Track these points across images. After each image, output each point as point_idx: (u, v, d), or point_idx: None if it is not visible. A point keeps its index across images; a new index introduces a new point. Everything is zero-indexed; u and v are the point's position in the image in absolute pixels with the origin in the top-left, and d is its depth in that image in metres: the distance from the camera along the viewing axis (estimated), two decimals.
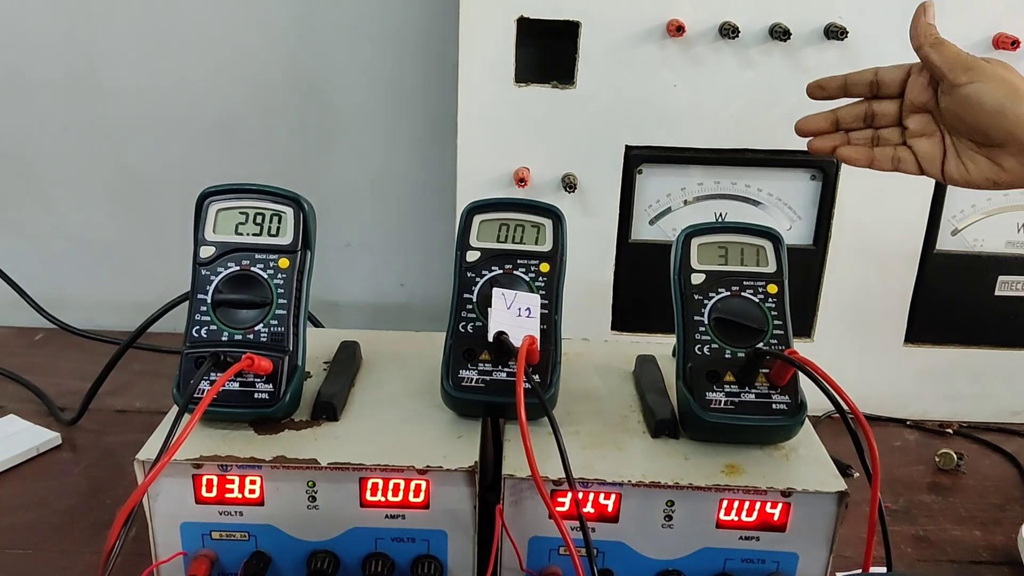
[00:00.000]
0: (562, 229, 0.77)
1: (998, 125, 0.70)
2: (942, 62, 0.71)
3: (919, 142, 0.76)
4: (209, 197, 0.73)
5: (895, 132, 0.77)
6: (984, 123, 0.70)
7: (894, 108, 0.77)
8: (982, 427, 1.07)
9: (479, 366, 0.72)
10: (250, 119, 1.20)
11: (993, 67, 0.71)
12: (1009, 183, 0.72)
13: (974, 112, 0.70)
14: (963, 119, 0.72)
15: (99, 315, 1.27)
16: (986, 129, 0.71)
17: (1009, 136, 0.70)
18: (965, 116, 0.71)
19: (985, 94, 0.70)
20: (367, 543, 0.70)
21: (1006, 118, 0.69)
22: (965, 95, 0.71)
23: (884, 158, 0.77)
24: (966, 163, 0.73)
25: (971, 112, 0.71)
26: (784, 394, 0.71)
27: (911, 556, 0.84)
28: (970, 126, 0.72)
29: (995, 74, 0.70)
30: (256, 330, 0.71)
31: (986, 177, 0.73)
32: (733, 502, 0.68)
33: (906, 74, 0.76)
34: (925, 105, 0.75)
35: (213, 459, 0.67)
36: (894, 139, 0.77)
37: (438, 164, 1.17)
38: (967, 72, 0.70)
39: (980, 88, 0.70)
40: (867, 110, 0.78)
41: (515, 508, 0.68)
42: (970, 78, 0.70)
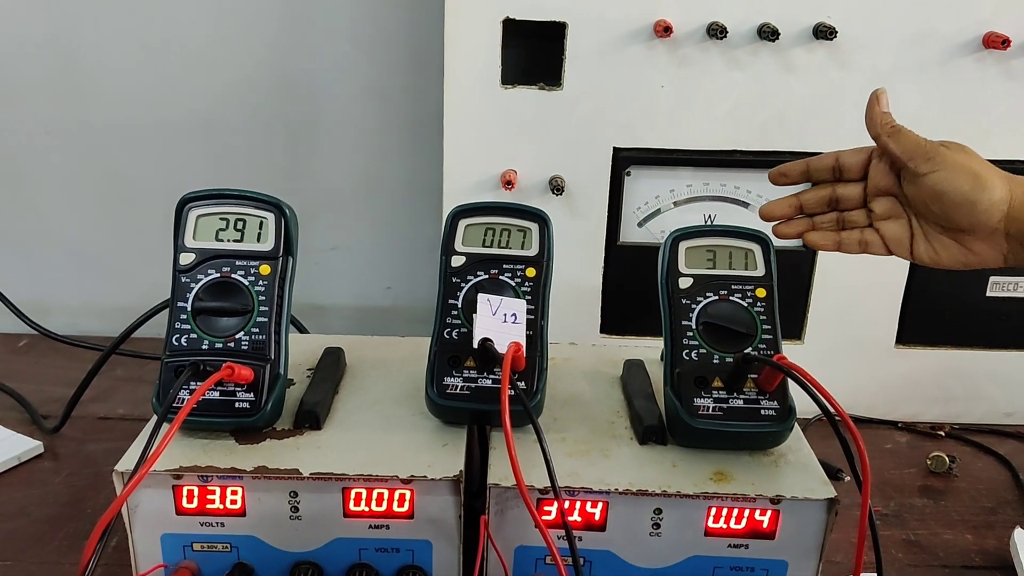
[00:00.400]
0: (548, 233, 0.76)
1: (963, 214, 0.69)
2: (902, 152, 0.71)
3: (886, 225, 0.74)
4: (189, 203, 0.72)
5: (861, 214, 0.76)
6: (949, 211, 0.69)
7: (858, 191, 0.75)
8: (974, 429, 1.06)
9: (464, 373, 0.71)
10: (235, 122, 1.19)
11: (954, 154, 0.69)
12: (979, 264, 0.72)
13: (939, 201, 0.70)
14: (928, 206, 0.71)
15: (84, 320, 1.26)
16: (952, 217, 0.70)
17: (975, 224, 0.69)
18: (930, 204, 0.70)
19: (948, 183, 0.69)
20: (351, 553, 0.69)
21: (972, 207, 0.68)
22: (928, 185, 0.70)
23: (851, 241, 0.76)
24: (935, 246, 0.72)
25: (936, 201, 0.70)
26: (773, 400, 0.70)
27: (902, 561, 0.83)
28: (936, 213, 0.71)
29: (956, 162, 0.69)
30: (237, 338, 0.69)
31: (955, 259, 0.72)
32: (722, 510, 0.67)
33: (868, 158, 0.75)
34: (889, 189, 0.74)
35: (193, 470, 0.66)
36: (860, 221, 0.76)
37: (425, 166, 1.16)
38: (928, 161, 0.69)
39: (943, 177, 0.69)
40: (831, 194, 0.76)
41: (500, 517, 0.67)
42: (931, 167, 0.69)
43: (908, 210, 0.73)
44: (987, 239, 0.70)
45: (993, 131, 0.96)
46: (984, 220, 0.69)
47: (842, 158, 0.76)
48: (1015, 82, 0.94)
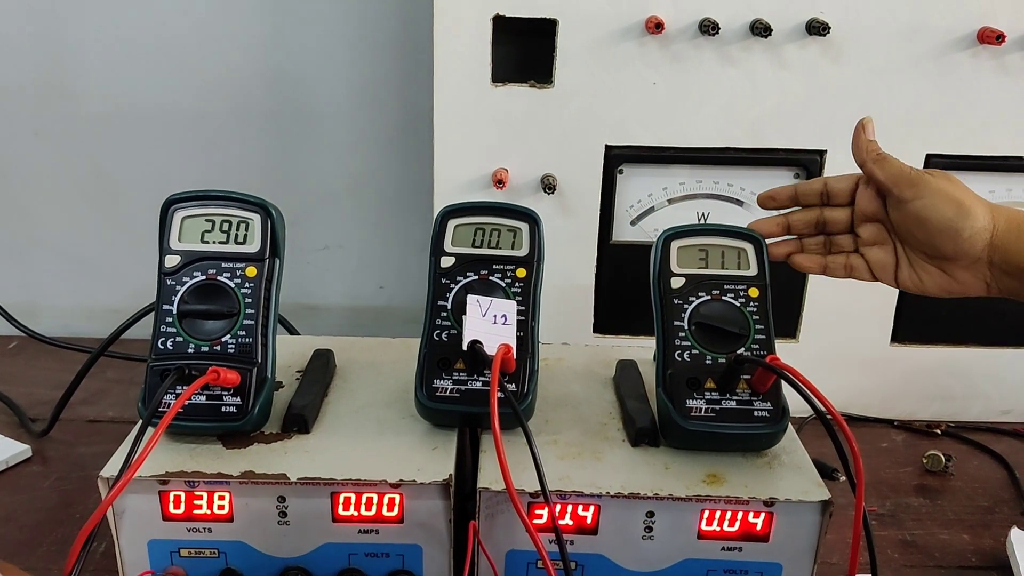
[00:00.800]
0: (539, 233, 0.75)
1: (947, 241, 0.69)
2: (886, 178, 0.71)
3: (871, 251, 0.75)
4: (174, 204, 0.71)
5: (848, 239, 0.77)
6: (933, 238, 0.70)
7: (846, 216, 0.76)
8: (970, 427, 1.05)
9: (454, 375, 0.71)
10: (225, 122, 1.18)
11: (938, 181, 0.70)
12: (962, 292, 0.72)
13: (922, 228, 0.70)
14: (912, 233, 0.71)
15: (75, 322, 1.25)
16: (935, 244, 0.70)
17: (958, 251, 0.70)
18: (914, 231, 0.71)
19: (931, 211, 0.69)
20: (340, 559, 0.68)
21: (956, 234, 0.69)
22: (912, 212, 0.70)
23: (837, 265, 0.76)
24: (919, 273, 0.73)
25: (919, 228, 0.70)
26: (766, 401, 0.69)
27: (898, 562, 0.82)
28: (919, 240, 0.71)
29: (940, 189, 0.69)
30: (223, 341, 0.69)
31: (939, 287, 0.72)
32: (715, 512, 0.66)
33: (855, 184, 0.75)
34: (875, 215, 0.74)
35: (179, 475, 0.65)
36: (847, 246, 0.77)
37: (417, 165, 1.16)
38: (911, 188, 0.70)
39: (926, 205, 0.69)
40: (819, 217, 0.77)
41: (491, 521, 0.66)
42: (915, 194, 0.70)
43: (894, 236, 0.74)
44: (970, 267, 0.70)
45: (987, 127, 0.95)
46: (967, 248, 0.69)
47: (830, 183, 0.76)
48: (1010, 78, 0.93)
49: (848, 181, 0.76)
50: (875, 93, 0.93)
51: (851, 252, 0.76)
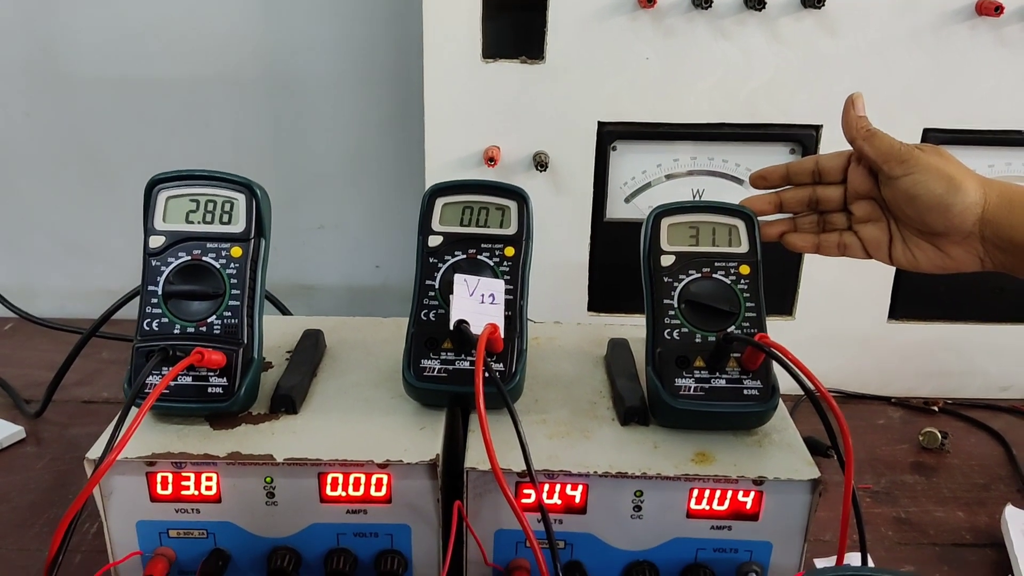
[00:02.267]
0: (527, 211, 0.74)
1: (937, 216, 0.69)
2: (876, 155, 0.70)
3: (865, 228, 0.74)
4: (158, 184, 0.71)
5: (841, 217, 0.76)
6: (924, 214, 0.69)
7: (838, 194, 0.75)
8: (968, 404, 1.05)
9: (441, 355, 0.70)
10: (217, 102, 1.17)
11: (928, 157, 0.69)
12: (956, 268, 0.72)
13: (913, 203, 0.69)
14: (903, 209, 0.71)
15: (70, 304, 1.25)
16: (926, 220, 0.70)
17: (949, 227, 0.69)
18: (905, 207, 0.70)
19: (922, 187, 0.69)
20: (329, 539, 0.68)
21: (946, 210, 0.68)
22: (903, 188, 0.69)
23: (830, 244, 0.76)
24: (912, 249, 0.72)
25: (910, 203, 0.70)
26: (756, 379, 0.68)
27: (891, 539, 0.82)
28: (911, 216, 0.71)
29: (930, 165, 0.69)
30: (209, 322, 0.68)
31: (932, 263, 0.72)
32: (704, 491, 0.66)
33: (847, 161, 0.74)
34: (868, 193, 0.73)
35: (166, 456, 0.65)
36: (840, 224, 0.76)
37: (410, 143, 1.15)
38: (902, 164, 0.69)
39: (917, 181, 0.69)
40: (812, 195, 0.76)
41: (479, 501, 0.66)
42: (905, 170, 0.69)
43: (887, 213, 0.73)
44: (962, 243, 0.70)
45: (986, 100, 0.94)
46: (958, 223, 0.69)
47: (821, 161, 0.75)
48: (1008, 50, 0.92)
49: (839, 159, 0.75)
50: (871, 67, 0.92)
51: (844, 230, 0.75)
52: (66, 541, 0.55)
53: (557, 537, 0.66)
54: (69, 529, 0.56)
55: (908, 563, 0.79)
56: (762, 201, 0.77)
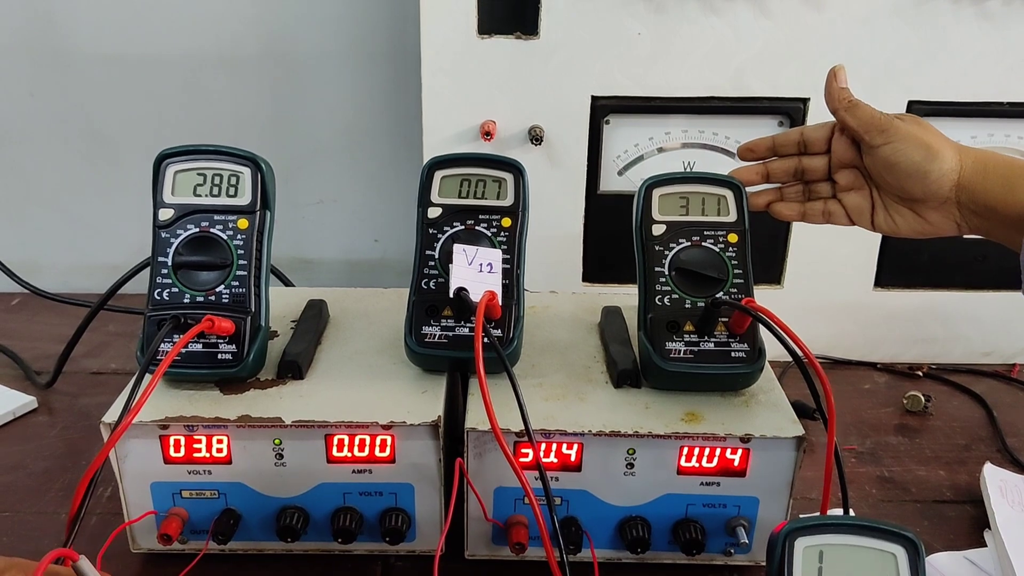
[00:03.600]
0: (523, 183, 0.77)
1: (916, 183, 0.72)
2: (857, 124, 0.73)
3: (848, 196, 0.78)
4: (166, 159, 0.73)
5: (826, 186, 0.79)
6: (902, 181, 0.73)
7: (823, 164, 0.78)
8: (952, 369, 1.08)
9: (442, 322, 0.73)
10: (217, 77, 1.19)
11: (907, 126, 0.72)
12: (934, 233, 0.75)
13: (892, 171, 0.73)
14: (884, 177, 0.74)
15: (75, 278, 1.27)
16: (905, 187, 0.73)
17: (927, 193, 0.72)
18: (885, 175, 0.74)
19: (901, 155, 0.72)
20: (335, 498, 0.71)
21: (924, 176, 0.72)
22: (883, 156, 0.73)
23: (815, 212, 0.79)
24: (893, 216, 0.76)
25: (890, 171, 0.73)
26: (743, 342, 0.71)
27: (875, 497, 0.85)
28: (890, 183, 0.74)
29: (909, 134, 0.72)
30: (218, 291, 0.71)
31: (912, 228, 0.75)
32: (693, 449, 0.69)
33: (830, 132, 0.77)
34: (851, 161, 0.77)
35: (179, 420, 0.68)
36: (825, 193, 0.79)
37: (408, 118, 1.17)
38: (882, 133, 0.72)
39: (896, 149, 0.72)
40: (797, 165, 0.79)
41: (480, 460, 0.69)
42: (885, 139, 0.72)
43: (869, 182, 0.76)
44: (940, 208, 0.73)
45: (968, 73, 0.96)
46: (935, 189, 0.72)
47: (806, 132, 0.79)
48: (991, 23, 0.94)
49: (824, 130, 0.78)
50: (857, 40, 0.94)
51: (829, 198, 0.79)
52: (87, 498, 0.58)
53: (554, 494, 0.70)
54: (90, 486, 0.58)
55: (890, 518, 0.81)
56: (750, 172, 0.80)
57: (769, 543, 0.56)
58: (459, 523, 0.71)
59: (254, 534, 0.72)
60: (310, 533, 0.72)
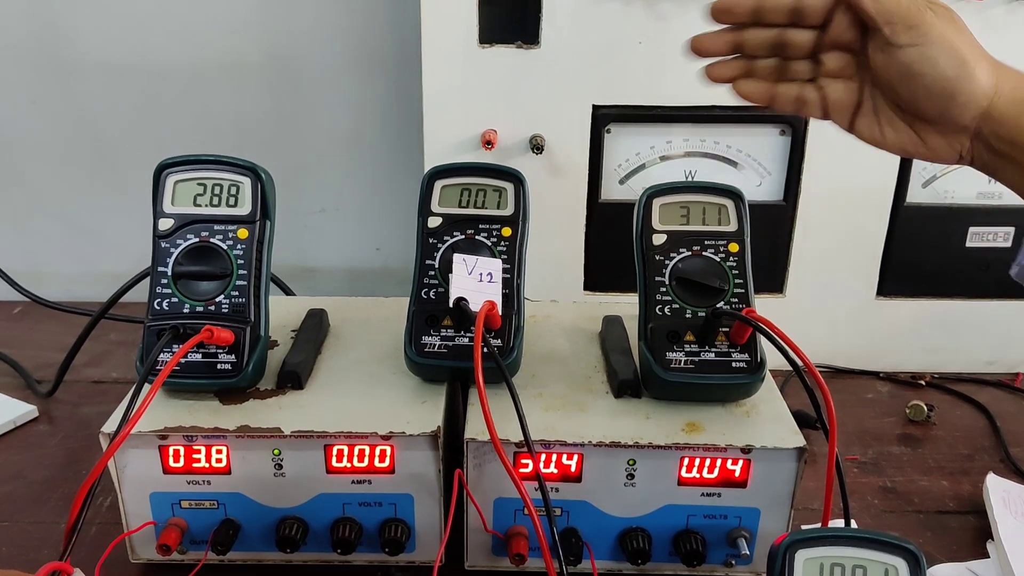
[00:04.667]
0: (524, 192, 0.77)
1: (936, 103, 0.59)
2: (879, 11, 0.58)
3: (832, 85, 0.63)
4: (166, 169, 0.73)
5: (806, 66, 0.64)
6: (920, 98, 0.59)
7: (810, 39, 0.63)
8: (955, 378, 1.07)
9: (442, 332, 0.73)
10: (219, 86, 1.19)
11: (943, 26, 0.57)
12: (926, 156, 0.63)
13: (911, 82, 0.59)
14: (895, 84, 0.60)
15: (77, 287, 1.27)
16: (921, 103, 0.59)
17: (946, 116, 0.59)
18: (900, 83, 0.60)
19: (928, 64, 0.58)
20: (335, 508, 0.71)
21: (951, 98, 0.58)
22: (904, 60, 0.58)
23: (786, 96, 0.65)
24: (882, 125, 0.63)
25: (907, 81, 0.59)
26: (744, 352, 0.71)
27: (877, 507, 0.85)
28: (902, 94, 0.60)
29: (943, 38, 0.57)
30: (217, 301, 0.71)
31: (901, 145, 0.63)
32: (694, 459, 0.69)
33: (833, 2, 0.62)
34: (849, 45, 0.62)
35: (178, 430, 0.68)
36: (803, 73, 0.64)
37: (409, 127, 1.17)
38: (910, 31, 0.57)
39: (923, 55, 0.57)
40: (778, 37, 0.64)
41: (479, 470, 0.69)
42: (912, 39, 0.57)
43: (863, 74, 0.62)
44: (949, 134, 0.60)
45: None
46: (957, 115, 0.59)
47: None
48: (994, 32, 0.93)
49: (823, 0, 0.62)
50: None
51: (806, 82, 0.64)
52: (85, 508, 0.58)
53: (554, 505, 0.69)
54: (88, 496, 0.58)
55: (893, 529, 0.81)
56: (717, 41, 0.66)
57: (770, 556, 0.55)
58: (459, 534, 0.71)
59: (253, 544, 0.72)
60: (309, 544, 0.71)
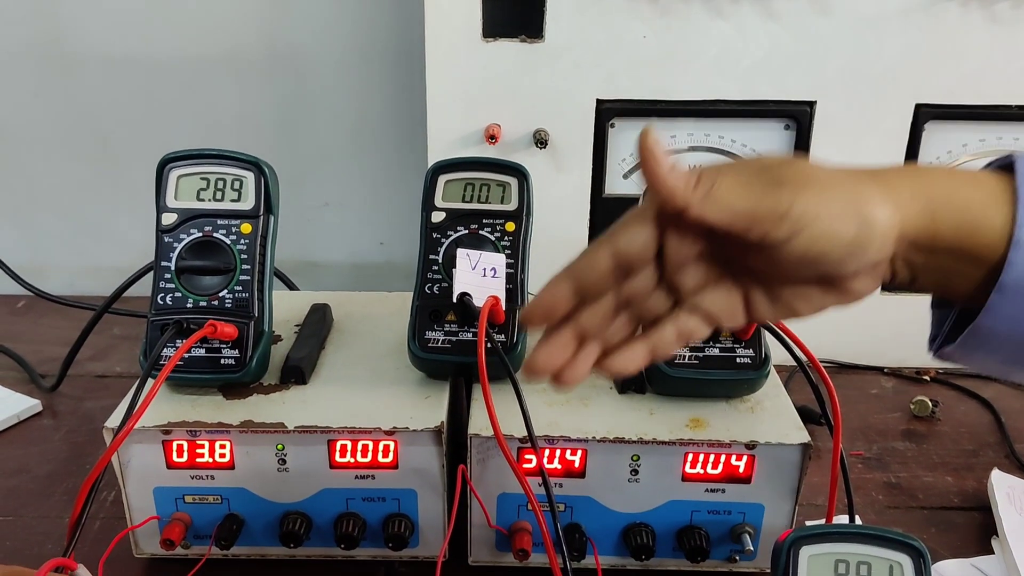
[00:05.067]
0: (527, 187, 0.76)
1: (850, 263, 0.48)
2: (733, 219, 0.47)
3: (706, 299, 0.52)
4: (169, 163, 0.73)
5: (659, 299, 0.52)
6: (828, 270, 0.49)
7: (650, 278, 0.52)
8: (959, 373, 1.07)
9: (445, 327, 0.73)
10: (222, 82, 1.19)
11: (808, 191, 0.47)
12: (849, 303, 0.52)
13: (811, 266, 0.48)
14: (790, 275, 0.50)
15: (81, 281, 1.27)
16: (831, 273, 0.49)
17: (864, 266, 0.49)
18: (796, 272, 0.50)
19: (823, 241, 0.47)
20: (338, 503, 0.71)
21: (861, 252, 0.48)
22: (795, 253, 0.48)
23: (667, 343, 0.53)
24: (789, 303, 0.52)
25: (807, 267, 0.49)
26: (748, 348, 0.71)
27: (881, 503, 0.85)
28: (803, 277, 0.50)
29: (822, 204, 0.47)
30: (221, 296, 0.71)
31: (820, 308, 0.52)
32: (698, 455, 0.68)
33: (657, 233, 0.50)
34: (699, 255, 0.51)
35: (181, 425, 0.68)
36: (660, 308, 0.53)
37: (413, 122, 1.17)
38: (781, 220, 0.47)
39: (812, 237, 0.47)
40: (616, 300, 0.52)
41: (483, 466, 0.69)
42: (792, 228, 0.47)
43: (735, 268, 0.52)
44: (866, 276, 0.50)
45: (977, 76, 0.95)
46: (874, 257, 0.48)
47: (622, 247, 0.50)
48: (1000, 26, 0.93)
49: (644, 233, 0.50)
50: (864, 43, 0.94)
51: (674, 312, 0.53)
52: (88, 503, 0.58)
53: (557, 500, 0.69)
54: (91, 492, 0.59)
55: (897, 525, 0.82)
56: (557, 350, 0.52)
57: (774, 552, 0.55)
58: (463, 529, 0.71)
59: (257, 539, 0.72)
60: (313, 539, 0.71)
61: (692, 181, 0.48)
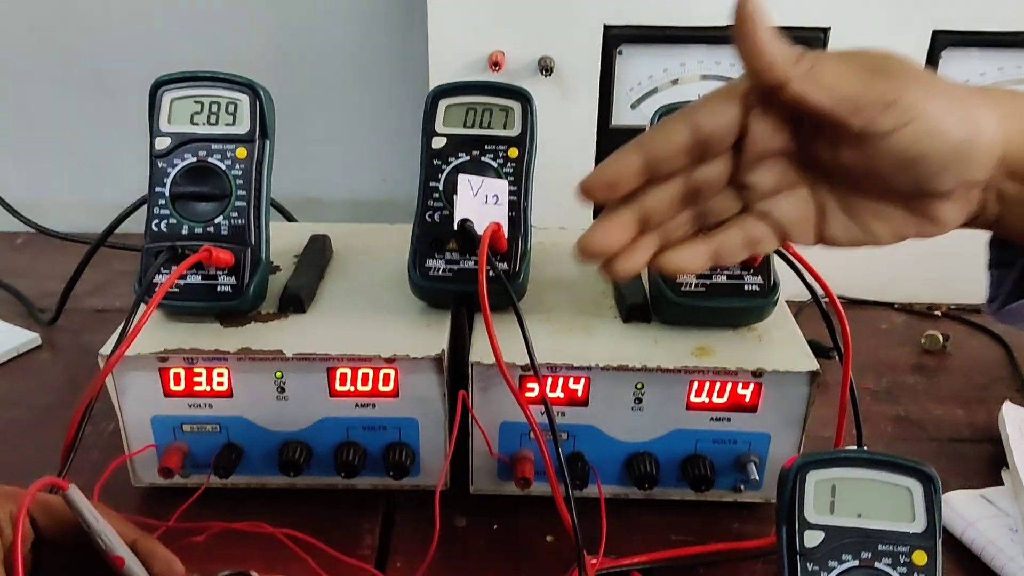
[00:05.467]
0: (531, 112, 0.74)
1: (951, 175, 0.45)
2: (836, 102, 0.44)
3: (778, 205, 0.49)
4: (162, 86, 0.71)
5: (729, 199, 0.49)
6: (927, 177, 0.45)
7: (725, 169, 0.48)
8: (971, 309, 1.05)
9: (446, 255, 0.71)
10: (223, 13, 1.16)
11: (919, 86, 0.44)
12: (932, 234, 0.50)
13: (912, 168, 0.45)
14: (887, 177, 0.46)
15: (80, 217, 1.25)
16: (929, 183, 0.46)
17: (964, 182, 0.46)
18: (894, 174, 0.46)
19: (929, 139, 0.44)
20: (338, 432, 0.70)
21: (965, 163, 0.45)
22: (897, 148, 0.44)
23: (731, 248, 0.50)
24: (865, 222, 0.49)
25: (907, 168, 0.45)
26: (757, 275, 0.69)
27: (890, 435, 0.83)
28: (899, 183, 0.46)
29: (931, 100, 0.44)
30: (216, 223, 0.69)
31: (898, 235, 0.49)
32: (704, 383, 0.67)
33: (742, 114, 0.46)
34: (780, 150, 0.47)
35: (178, 352, 0.67)
36: (730, 208, 0.49)
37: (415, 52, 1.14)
38: (888, 111, 0.43)
39: (918, 132, 0.44)
40: (686, 187, 0.48)
41: (484, 394, 0.68)
42: (898, 119, 0.44)
43: (813, 175, 0.49)
44: (959, 198, 0.47)
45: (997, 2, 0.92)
46: (975, 175, 0.46)
47: (703, 123, 0.46)
48: None
49: (730, 112, 0.46)
50: None
51: (742, 217, 0.50)
52: (83, 425, 0.58)
53: (560, 429, 0.68)
54: (85, 414, 0.58)
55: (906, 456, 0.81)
56: (615, 228, 0.49)
57: (780, 477, 0.54)
58: (464, 458, 0.70)
59: (256, 468, 0.71)
60: (313, 468, 0.71)
61: (795, 56, 0.44)
